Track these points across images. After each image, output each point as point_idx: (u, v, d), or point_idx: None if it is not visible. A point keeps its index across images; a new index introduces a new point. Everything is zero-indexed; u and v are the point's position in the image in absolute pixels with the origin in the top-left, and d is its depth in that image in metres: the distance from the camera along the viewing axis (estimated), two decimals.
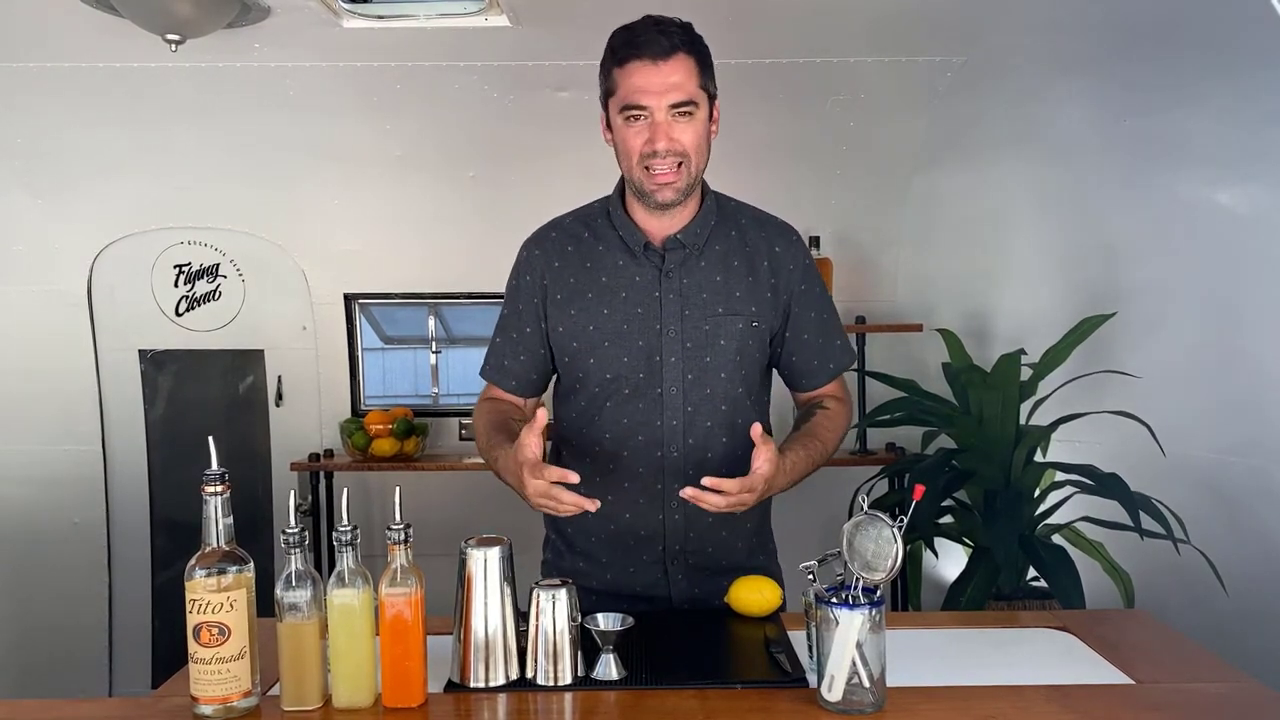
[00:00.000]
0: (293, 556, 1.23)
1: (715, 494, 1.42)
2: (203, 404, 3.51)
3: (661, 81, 1.51)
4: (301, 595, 1.23)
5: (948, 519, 2.78)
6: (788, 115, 3.05)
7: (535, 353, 1.69)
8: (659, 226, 1.63)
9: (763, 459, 1.45)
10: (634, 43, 1.53)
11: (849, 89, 2.97)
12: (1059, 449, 2.78)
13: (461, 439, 3.48)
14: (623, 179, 1.65)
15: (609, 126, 1.61)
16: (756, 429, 1.47)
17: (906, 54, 2.85)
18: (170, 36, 2.35)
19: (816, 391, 1.73)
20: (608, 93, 1.58)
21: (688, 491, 1.43)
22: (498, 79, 2.93)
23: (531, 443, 1.44)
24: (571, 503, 1.43)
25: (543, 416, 1.47)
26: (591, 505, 1.42)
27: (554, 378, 1.74)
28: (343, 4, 2.50)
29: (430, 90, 2.96)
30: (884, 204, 3.27)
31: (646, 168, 1.55)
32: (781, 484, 1.53)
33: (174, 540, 3.47)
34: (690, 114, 1.54)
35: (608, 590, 1.63)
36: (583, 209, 1.72)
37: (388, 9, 2.54)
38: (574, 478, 1.43)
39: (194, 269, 3.43)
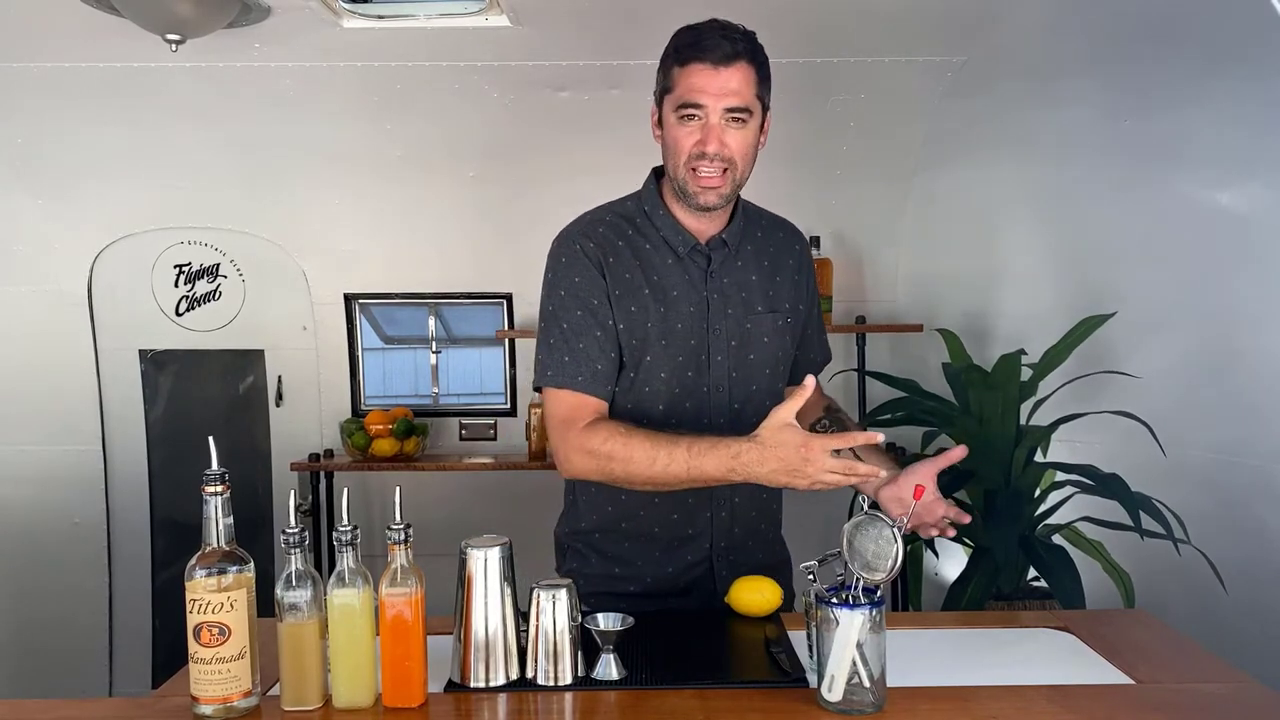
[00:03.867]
0: (293, 556, 1.23)
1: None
2: (203, 404, 3.51)
3: (720, 86, 1.50)
4: (302, 595, 1.23)
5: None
6: (788, 115, 3.03)
7: (617, 349, 1.59)
8: (700, 228, 1.62)
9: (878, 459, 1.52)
10: (698, 44, 1.52)
11: (849, 89, 2.98)
12: (1059, 449, 2.78)
13: (461, 439, 3.47)
14: (652, 177, 1.65)
15: (659, 124, 1.60)
16: (810, 381, 1.41)
17: (906, 54, 2.85)
18: (170, 36, 2.35)
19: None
20: (665, 90, 1.57)
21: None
22: (498, 79, 2.93)
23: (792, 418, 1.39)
24: (866, 473, 1.39)
25: (810, 383, 1.40)
26: (888, 471, 1.52)
27: None
28: (343, 4, 2.50)
29: (430, 90, 2.96)
30: (884, 204, 3.27)
31: (693, 169, 1.54)
32: None
33: (174, 540, 3.47)
34: (743, 121, 1.53)
35: (647, 592, 1.64)
36: (615, 206, 1.67)
37: (388, 9, 2.54)
38: (879, 437, 1.40)
39: (194, 269, 3.43)
